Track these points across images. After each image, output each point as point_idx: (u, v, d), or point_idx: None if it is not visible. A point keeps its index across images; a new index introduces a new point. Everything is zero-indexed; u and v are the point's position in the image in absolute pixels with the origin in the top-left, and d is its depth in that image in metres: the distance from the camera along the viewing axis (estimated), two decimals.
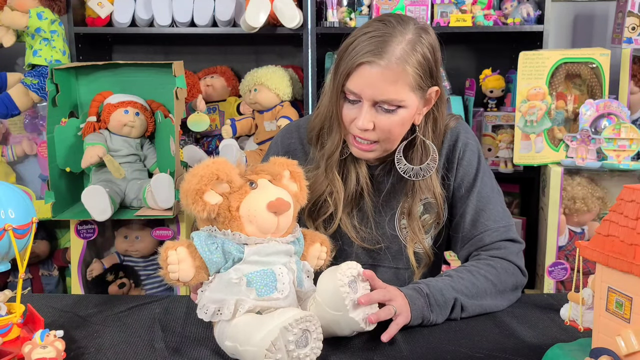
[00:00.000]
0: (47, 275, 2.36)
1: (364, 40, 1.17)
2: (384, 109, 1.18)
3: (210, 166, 0.99)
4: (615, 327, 0.78)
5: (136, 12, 2.33)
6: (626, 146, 1.93)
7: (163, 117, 1.85)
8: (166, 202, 1.76)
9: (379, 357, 1.00)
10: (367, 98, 1.17)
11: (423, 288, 1.13)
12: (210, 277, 1.00)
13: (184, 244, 0.99)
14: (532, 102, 2.03)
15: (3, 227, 0.94)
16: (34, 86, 2.17)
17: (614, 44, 2.31)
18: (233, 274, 0.98)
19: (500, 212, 1.30)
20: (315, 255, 1.12)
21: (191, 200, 0.98)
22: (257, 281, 0.98)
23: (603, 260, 0.79)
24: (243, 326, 0.95)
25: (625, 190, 0.79)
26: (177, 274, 0.97)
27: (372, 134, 1.20)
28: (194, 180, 0.98)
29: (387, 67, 1.14)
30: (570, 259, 2.03)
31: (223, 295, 0.98)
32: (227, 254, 0.99)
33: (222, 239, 0.99)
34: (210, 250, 0.98)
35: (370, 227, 1.32)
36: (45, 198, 1.77)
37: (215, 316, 0.98)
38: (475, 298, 1.16)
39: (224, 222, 1.00)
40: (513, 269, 1.25)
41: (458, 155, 1.31)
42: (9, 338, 0.97)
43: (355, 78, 1.17)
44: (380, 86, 1.15)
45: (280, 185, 1.05)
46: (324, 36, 2.31)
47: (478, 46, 2.60)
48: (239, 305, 0.96)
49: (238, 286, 0.97)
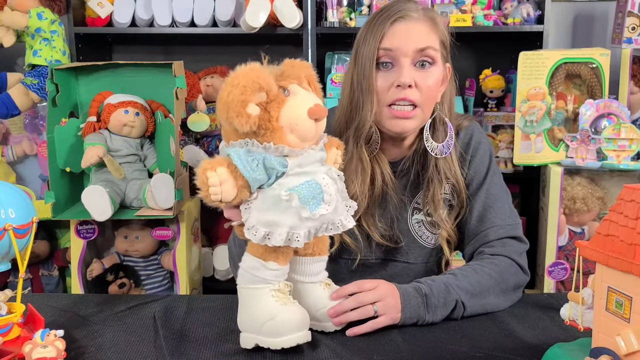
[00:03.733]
0: (47, 275, 2.36)
1: (384, 9, 1.23)
2: (420, 64, 1.22)
3: (249, 74, 0.92)
4: (615, 326, 0.78)
5: (136, 12, 2.33)
6: (626, 146, 1.93)
7: (163, 117, 1.85)
8: (166, 202, 1.76)
9: (378, 356, 1.00)
10: (406, 52, 1.20)
11: (423, 287, 1.13)
12: (252, 194, 0.96)
13: (224, 164, 0.92)
14: (532, 102, 2.03)
15: (3, 226, 0.94)
16: (34, 86, 2.17)
17: (614, 44, 2.31)
18: (279, 189, 0.94)
19: (507, 211, 1.31)
20: (332, 159, 1.07)
21: (234, 113, 0.91)
22: (305, 195, 0.93)
23: (603, 260, 0.79)
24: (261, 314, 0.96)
25: (626, 190, 0.79)
26: (219, 195, 0.92)
27: (413, 92, 1.21)
28: (236, 90, 0.91)
29: (420, 19, 1.22)
30: (570, 259, 2.03)
31: (274, 216, 0.94)
32: (270, 169, 0.94)
33: (262, 154, 0.94)
34: (252, 167, 0.93)
35: (390, 224, 1.33)
36: (45, 198, 1.77)
37: (266, 240, 0.94)
38: (478, 297, 1.17)
39: (264, 134, 0.94)
40: (516, 269, 1.25)
41: (471, 153, 1.33)
42: (9, 338, 0.97)
43: (389, 36, 1.21)
44: (419, 35, 1.21)
45: (305, 88, 1.00)
46: (324, 36, 2.31)
47: (478, 46, 2.61)
48: (291, 235, 0.94)
49: (287, 203, 0.93)
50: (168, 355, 1.00)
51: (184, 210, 1.88)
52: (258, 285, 0.99)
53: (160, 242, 2.02)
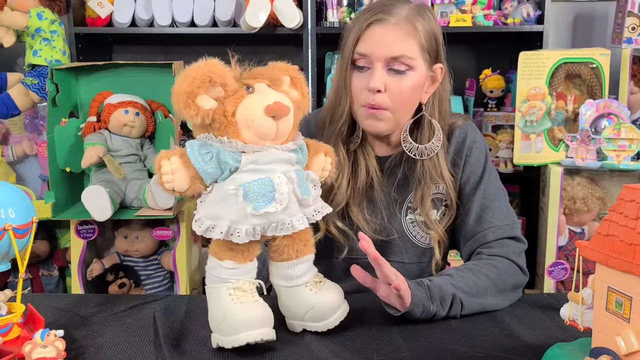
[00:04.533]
0: (47, 275, 2.36)
1: (368, 8, 1.21)
2: (394, 70, 1.20)
3: (202, 67, 0.93)
4: (615, 326, 0.78)
5: (136, 12, 2.33)
6: (626, 146, 1.93)
7: (163, 117, 1.85)
8: (166, 202, 1.76)
9: (378, 356, 1.00)
10: (379, 57, 1.18)
11: (423, 281, 1.13)
12: (208, 187, 0.97)
13: (177, 154, 0.95)
14: (532, 102, 2.03)
15: (3, 226, 0.94)
16: (34, 86, 2.17)
17: (614, 44, 2.31)
18: (230, 184, 0.94)
19: (504, 211, 1.30)
20: (320, 166, 1.07)
21: (183, 105, 0.93)
22: (254, 191, 0.93)
23: (603, 260, 0.79)
24: (220, 310, 0.97)
25: (626, 190, 0.79)
26: (171, 184, 0.94)
27: (383, 97, 1.20)
28: (185, 82, 0.92)
29: (397, 24, 1.18)
30: (570, 259, 2.02)
31: (219, 210, 0.95)
32: (223, 163, 0.95)
33: (217, 148, 0.95)
34: (204, 160, 0.94)
35: (381, 219, 1.33)
36: (45, 198, 1.77)
37: (208, 232, 0.95)
38: (476, 296, 1.16)
39: (219, 128, 0.95)
40: (514, 269, 1.24)
41: (466, 152, 1.33)
42: (9, 338, 0.97)
43: (365, 40, 1.19)
44: (392, 42, 1.18)
45: (280, 91, 1.00)
46: (324, 36, 2.31)
47: (478, 46, 2.61)
48: (234, 230, 0.94)
49: (235, 198, 0.93)
50: (168, 355, 1.00)
51: (184, 210, 1.88)
52: (216, 285, 1.00)
53: (160, 242, 2.02)
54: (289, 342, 1.03)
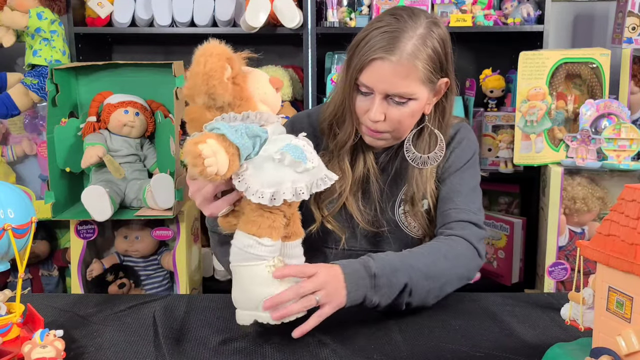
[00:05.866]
0: (47, 276, 2.36)
1: (376, 35, 1.20)
2: (394, 102, 1.22)
3: (218, 46, 0.96)
4: (616, 326, 0.78)
5: (136, 12, 2.33)
6: (626, 146, 1.93)
7: (163, 117, 1.85)
8: (166, 202, 1.76)
9: (378, 356, 1.00)
10: (379, 92, 1.21)
11: (372, 266, 1.09)
12: (241, 166, 0.96)
13: (211, 136, 0.92)
14: (532, 102, 2.03)
15: (2, 226, 0.93)
16: (34, 86, 2.17)
17: (614, 44, 2.31)
18: (269, 152, 0.96)
19: (474, 202, 1.31)
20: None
21: (217, 81, 0.93)
22: (292, 153, 0.96)
23: (604, 260, 0.79)
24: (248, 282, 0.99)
25: (627, 189, 0.79)
26: (215, 167, 0.90)
27: (383, 125, 1.24)
28: (213, 59, 0.93)
29: (398, 63, 1.18)
30: (570, 259, 2.02)
31: (274, 176, 0.96)
32: (254, 137, 0.96)
33: (241, 125, 0.96)
34: (240, 135, 0.94)
35: (374, 210, 1.34)
36: (45, 198, 1.77)
37: (275, 199, 0.95)
38: (431, 279, 1.15)
39: (240, 105, 0.97)
40: (471, 252, 1.24)
41: (453, 145, 1.34)
42: (8, 338, 0.97)
43: (367, 73, 1.20)
44: (392, 81, 1.19)
45: None
46: (324, 36, 2.31)
47: (478, 46, 2.60)
48: (295, 189, 0.96)
49: (281, 162, 0.95)
50: (168, 355, 1.00)
51: (184, 210, 1.88)
52: (253, 262, 0.99)
53: (160, 242, 2.02)
54: (288, 341, 1.03)
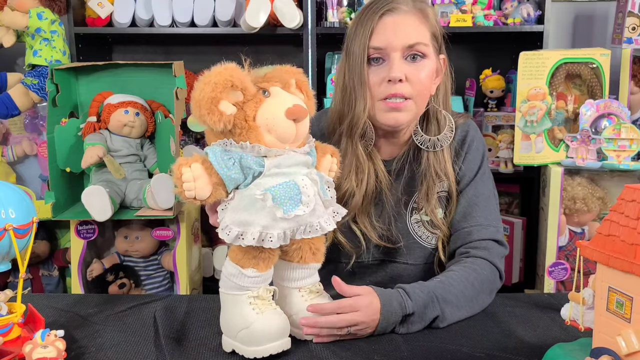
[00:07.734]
0: (47, 276, 2.36)
1: (372, 3, 1.21)
2: (411, 58, 1.20)
3: (222, 73, 0.92)
4: (616, 326, 0.78)
5: (136, 12, 2.33)
6: (626, 146, 1.93)
7: (163, 117, 1.85)
8: (166, 202, 1.76)
9: (379, 356, 1.00)
10: (395, 47, 1.19)
11: (409, 307, 1.08)
12: (229, 194, 0.95)
13: (199, 160, 0.92)
14: (532, 102, 2.03)
15: (4, 227, 0.94)
16: (34, 86, 2.17)
17: (614, 44, 2.31)
18: (255, 189, 0.93)
19: (492, 213, 1.30)
20: (327, 167, 1.07)
21: (206, 111, 0.91)
22: (281, 195, 0.92)
23: (604, 260, 0.79)
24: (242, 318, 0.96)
25: (627, 190, 0.79)
26: (193, 192, 0.91)
27: (405, 86, 1.20)
28: (208, 88, 0.91)
29: (409, 12, 1.19)
30: (570, 259, 2.02)
31: (247, 215, 0.93)
32: (246, 169, 0.93)
33: (239, 153, 0.93)
34: (227, 165, 0.92)
35: (388, 223, 1.32)
36: (46, 198, 1.77)
37: (238, 240, 0.93)
38: (460, 309, 1.14)
39: (240, 133, 0.94)
40: (495, 275, 1.24)
41: (465, 150, 1.33)
42: (9, 338, 0.97)
43: (379, 32, 1.19)
44: (407, 30, 1.19)
45: (291, 93, 1.00)
46: (324, 36, 2.31)
47: (478, 46, 2.61)
48: (265, 235, 0.92)
49: (262, 203, 0.92)
50: (168, 355, 1.00)
51: (184, 210, 1.88)
52: (236, 292, 0.98)
53: (161, 242, 2.02)
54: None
